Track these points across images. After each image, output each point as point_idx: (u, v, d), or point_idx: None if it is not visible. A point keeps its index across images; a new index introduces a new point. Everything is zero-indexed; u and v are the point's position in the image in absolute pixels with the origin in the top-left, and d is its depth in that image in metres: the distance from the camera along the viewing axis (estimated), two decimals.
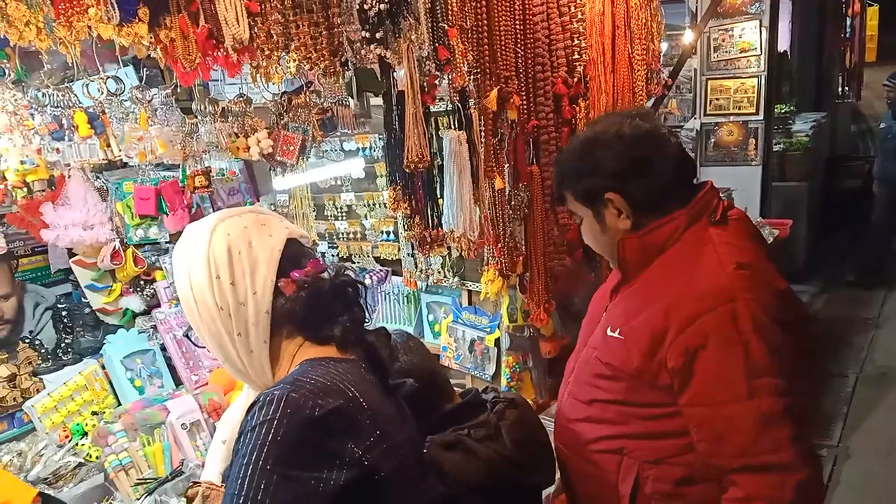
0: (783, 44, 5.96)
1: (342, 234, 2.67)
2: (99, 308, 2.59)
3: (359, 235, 2.64)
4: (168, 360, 2.59)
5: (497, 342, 2.29)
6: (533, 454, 1.45)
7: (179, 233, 2.47)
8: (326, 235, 2.73)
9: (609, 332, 1.49)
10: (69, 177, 2.32)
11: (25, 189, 1.29)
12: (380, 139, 2.40)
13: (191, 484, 1.20)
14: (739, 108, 5.65)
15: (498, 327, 2.30)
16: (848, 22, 9.57)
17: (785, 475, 1.30)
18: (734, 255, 1.40)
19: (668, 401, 1.40)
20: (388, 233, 2.56)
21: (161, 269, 2.59)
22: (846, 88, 9.60)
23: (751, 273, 1.37)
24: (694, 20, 5.58)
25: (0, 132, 1.30)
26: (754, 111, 5.56)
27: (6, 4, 1.23)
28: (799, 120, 6.91)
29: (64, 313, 2.53)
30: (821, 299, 5.87)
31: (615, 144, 1.47)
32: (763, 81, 5.49)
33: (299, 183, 2.38)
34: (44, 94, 1.45)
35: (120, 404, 2.46)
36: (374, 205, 2.55)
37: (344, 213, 2.64)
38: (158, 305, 2.65)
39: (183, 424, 2.28)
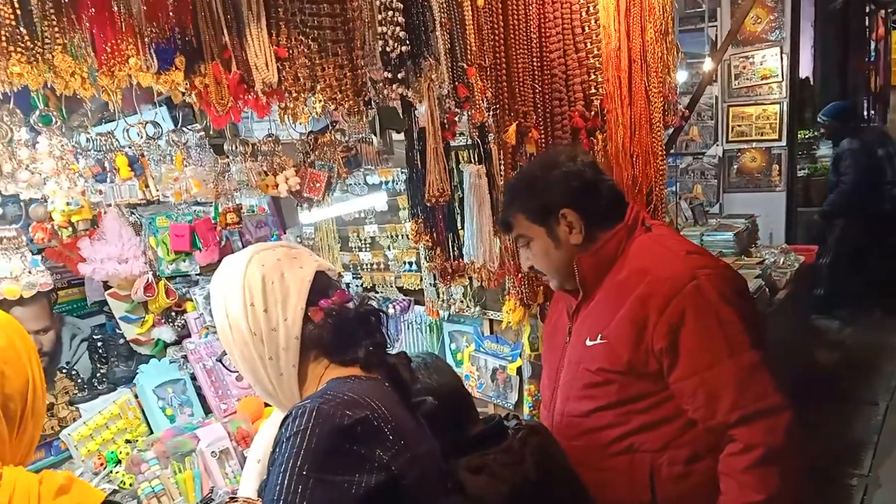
0: (805, 70, 5.97)
1: (366, 264, 2.74)
2: (132, 339, 2.67)
3: (382, 266, 2.71)
4: (197, 389, 2.65)
5: (519, 371, 2.33)
6: (556, 480, 1.49)
7: (210, 265, 2.58)
8: (351, 266, 2.80)
9: (589, 342, 1.67)
10: (105, 213, 2.43)
11: (70, 228, 1.38)
12: (402, 173, 2.47)
13: (228, 500, 1.26)
14: (762, 135, 5.67)
15: (520, 356, 2.33)
16: (872, 46, 9.55)
17: (775, 419, 1.51)
18: (681, 245, 1.70)
19: (659, 387, 1.60)
20: (410, 263, 2.62)
21: (191, 300, 2.67)
22: (872, 112, 9.54)
23: (699, 255, 1.68)
24: (714, 48, 5.63)
25: (48, 176, 1.39)
26: (777, 137, 5.58)
27: (53, 56, 1.32)
28: (824, 145, 6.88)
29: (99, 344, 2.62)
30: (849, 326, 5.79)
31: (567, 166, 1.71)
32: (785, 108, 5.51)
33: (325, 217, 2.45)
34: (88, 139, 1.55)
35: (152, 432, 2.52)
36: (397, 236, 2.62)
37: (368, 245, 2.71)
38: (189, 336, 2.72)
39: (213, 452, 2.33)
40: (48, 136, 1.37)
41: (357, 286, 2.79)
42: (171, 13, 1.48)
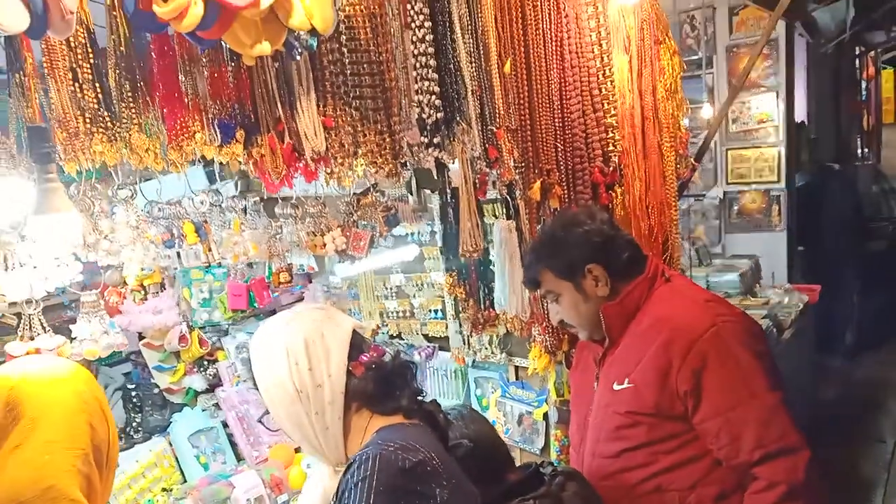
0: (801, 113, 6.15)
1: (392, 312, 2.84)
2: (165, 388, 2.74)
3: (408, 314, 2.81)
4: (229, 437, 2.72)
5: (545, 416, 2.41)
6: None
7: (237, 312, 2.67)
8: (377, 314, 2.89)
9: (617, 387, 1.76)
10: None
11: (142, 291, 1.48)
12: (427, 225, 2.58)
13: None
14: (761, 177, 5.82)
15: (546, 401, 2.41)
16: (863, 85, 9.80)
17: (796, 457, 1.59)
18: (700, 294, 1.84)
19: (686, 428, 1.68)
20: (436, 311, 2.72)
21: (222, 349, 2.76)
22: (866, 150, 9.75)
23: (716, 303, 1.80)
24: (711, 94, 5.82)
25: (124, 244, 1.50)
26: (776, 179, 5.73)
27: (130, 135, 1.44)
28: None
29: (133, 393, 2.69)
30: (854, 364, 5.87)
31: (588, 224, 1.83)
32: (783, 150, 5.67)
33: (360, 270, 2.56)
34: (159, 209, 1.66)
35: (185, 480, 2.58)
36: (423, 285, 2.72)
37: (394, 293, 2.81)
38: (219, 384, 2.80)
39: (248, 499, 2.40)
40: (125, 207, 1.48)
41: (383, 333, 2.88)
42: (231, 90, 1.61)
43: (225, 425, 2.72)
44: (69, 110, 1.37)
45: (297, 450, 2.72)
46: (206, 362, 2.75)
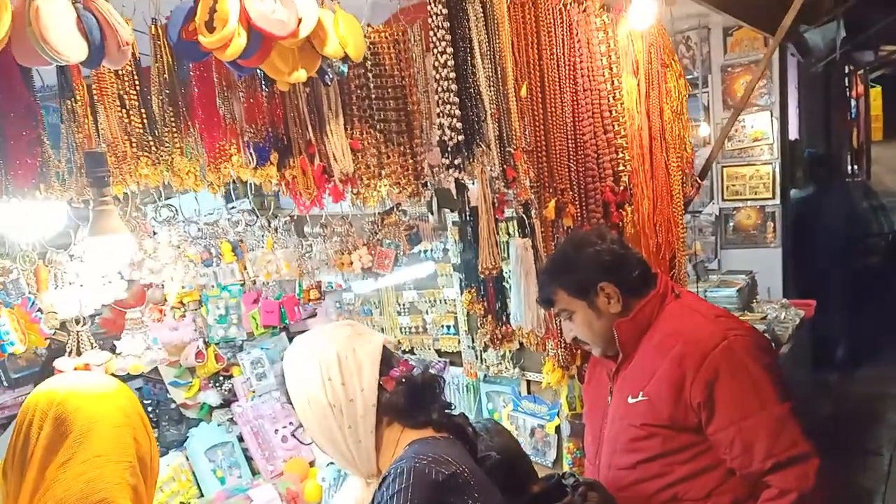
0: (794, 131, 6.28)
1: (405, 328, 2.90)
2: (180, 403, 2.78)
3: (420, 329, 2.86)
4: (244, 451, 2.76)
5: (558, 429, 2.46)
6: None
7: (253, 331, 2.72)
8: (396, 330, 2.95)
9: (631, 400, 1.81)
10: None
11: (182, 308, 1.53)
12: (441, 243, 2.65)
13: None
14: (756, 193, 5.92)
15: (557, 415, 2.47)
16: (853, 103, 9.98)
17: (806, 464, 1.66)
18: (710, 310, 1.89)
19: (700, 439, 1.74)
20: (448, 327, 2.77)
21: (238, 364, 2.80)
22: (855, 167, 9.92)
23: (726, 318, 1.87)
24: (707, 113, 5.94)
25: (166, 263, 1.55)
26: (770, 196, 5.83)
27: (172, 158, 1.50)
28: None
29: (150, 409, 2.73)
30: (851, 377, 5.95)
31: (599, 244, 1.89)
32: (777, 167, 5.78)
33: (377, 287, 2.62)
34: (198, 229, 1.72)
35: (202, 495, 2.62)
36: (435, 301, 2.78)
37: (406, 310, 2.87)
38: (233, 399, 2.84)
39: None
40: (167, 227, 1.54)
41: (399, 349, 2.94)
42: (265, 115, 1.68)
43: (240, 439, 2.75)
44: (117, 135, 1.43)
45: (312, 464, 2.77)
46: (221, 378, 2.79)
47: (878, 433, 4.93)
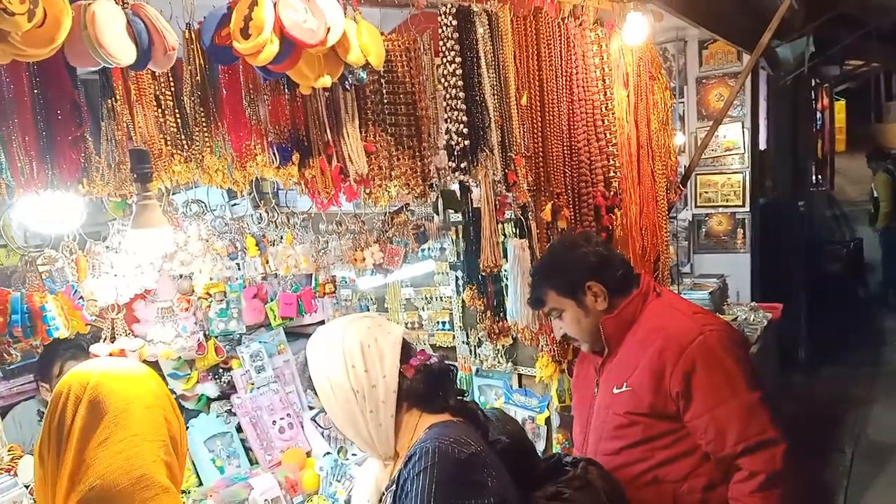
0: (764, 141, 6.52)
1: (401, 324, 2.99)
2: (179, 394, 2.84)
3: (416, 325, 2.96)
4: (242, 442, 2.83)
5: (548, 421, 2.58)
6: (618, 498, 1.75)
7: (254, 325, 2.80)
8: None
9: (616, 390, 1.95)
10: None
11: (209, 299, 1.60)
12: (437, 242, 2.75)
13: None
14: (727, 201, 6.14)
15: (547, 407, 2.59)
16: (818, 115, 10.34)
17: (774, 448, 1.81)
18: (688, 307, 2.02)
19: (678, 426, 1.88)
20: (443, 323, 2.88)
21: (237, 357, 2.87)
22: (819, 177, 10.27)
23: (703, 314, 2.01)
24: (682, 122, 6.14)
25: (196, 255, 1.63)
26: (741, 203, 6.05)
27: (203, 157, 1.58)
28: None
29: None
30: (815, 378, 6.19)
31: (586, 247, 2.02)
32: (748, 176, 6.00)
33: (380, 284, 2.71)
34: (225, 224, 1.80)
35: (201, 483, 2.68)
36: (431, 298, 2.89)
37: (403, 306, 2.97)
38: (231, 391, 2.91)
39: (266, 500, 2.52)
40: (197, 222, 1.62)
41: None
42: (288, 117, 1.77)
43: (238, 430, 2.82)
44: (153, 133, 1.51)
45: (309, 454, 2.85)
46: (220, 370, 2.86)
47: (840, 431, 5.15)
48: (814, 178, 10.05)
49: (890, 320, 7.61)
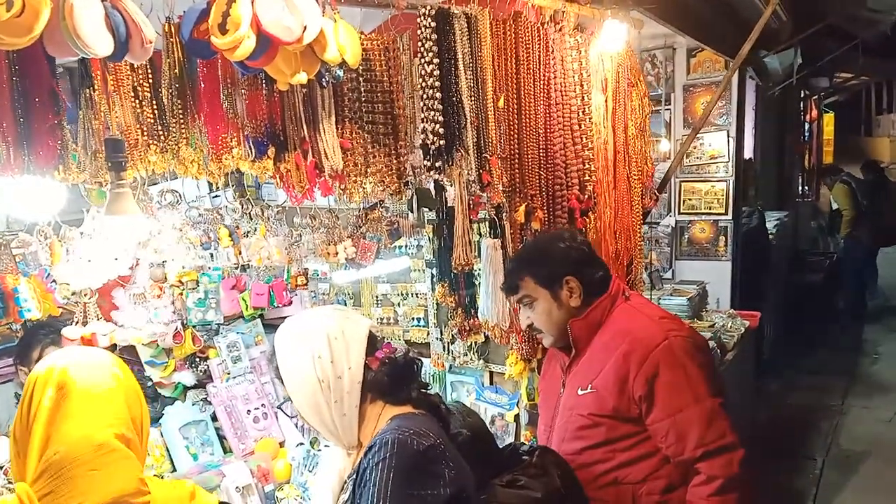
0: (749, 151, 6.59)
1: (377, 319, 3.03)
2: (156, 382, 2.87)
3: (392, 321, 3.01)
4: (217, 430, 2.87)
5: (517, 418, 2.63)
6: (573, 485, 1.81)
7: (231, 315, 2.83)
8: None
9: (581, 392, 1.98)
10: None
11: (180, 287, 1.64)
12: (415, 240, 2.80)
13: None
14: (710, 208, 6.20)
15: (517, 405, 2.64)
16: (806, 127, 10.44)
17: (732, 454, 1.85)
18: (655, 312, 2.06)
19: (640, 429, 1.92)
20: (418, 319, 2.93)
21: (214, 347, 2.91)
22: (806, 188, 10.38)
23: (669, 320, 2.04)
24: (668, 129, 6.21)
25: (169, 244, 1.67)
26: (724, 211, 6.12)
27: (179, 148, 1.62)
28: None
29: None
30: (789, 386, 6.27)
31: (570, 241, 2.07)
32: (731, 185, 6.08)
33: (355, 279, 2.75)
34: (199, 215, 1.84)
35: (175, 469, 2.72)
36: (407, 294, 2.93)
37: (379, 301, 3.01)
38: (207, 380, 2.94)
39: (237, 488, 2.56)
40: (170, 211, 1.66)
41: None
42: (265, 111, 1.81)
43: (213, 419, 2.86)
44: (130, 123, 1.55)
45: (282, 444, 2.89)
46: (197, 359, 2.89)
47: (812, 439, 5.23)
48: (800, 189, 10.17)
49: (869, 331, 7.72)
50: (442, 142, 2.10)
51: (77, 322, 1.55)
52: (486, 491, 1.66)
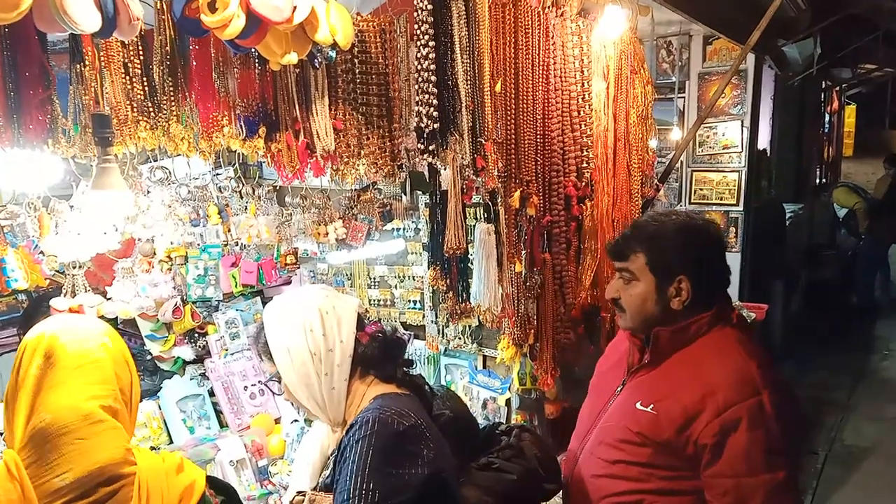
0: (763, 142, 6.51)
1: (374, 300, 3.06)
2: (156, 356, 2.93)
3: (388, 303, 3.03)
4: (214, 405, 2.92)
5: (508, 402, 2.65)
6: (550, 465, 1.82)
7: (230, 294, 2.87)
8: (365, 301, 3.11)
9: (639, 406, 1.75)
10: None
11: (169, 262, 1.67)
12: (412, 223, 2.81)
13: (295, 494, 1.55)
14: (721, 199, 6.15)
15: (509, 389, 2.66)
16: (826, 119, 10.28)
17: None
18: (755, 357, 1.72)
19: (688, 466, 1.68)
20: (414, 302, 2.95)
21: (213, 323, 2.95)
22: (824, 181, 10.23)
23: (767, 370, 1.70)
24: (681, 118, 6.14)
25: (158, 220, 1.70)
26: (735, 202, 6.06)
27: (169, 125, 1.64)
28: None
29: None
30: (794, 380, 6.24)
31: (702, 236, 1.80)
32: (744, 176, 6.01)
33: (350, 260, 2.77)
34: (189, 192, 1.87)
35: (171, 441, 2.77)
36: (404, 277, 2.95)
37: (377, 283, 3.03)
38: (206, 355, 2.99)
39: (231, 461, 2.61)
40: (160, 188, 1.69)
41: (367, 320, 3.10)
42: (257, 91, 1.82)
43: (211, 394, 2.91)
44: (120, 100, 1.57)
45: (277, 420, 2.93)
46: (196, 334, 2.94)
47: (815, 434, 5.21)
48: (817, 181, 10.03)
49: (881, 327, 7.64)
50: (436, 125, 2.10)
51: (66, 293, 1.58)
52: (462, 473, 1.68)
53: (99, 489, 1.35)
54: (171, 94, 1.65)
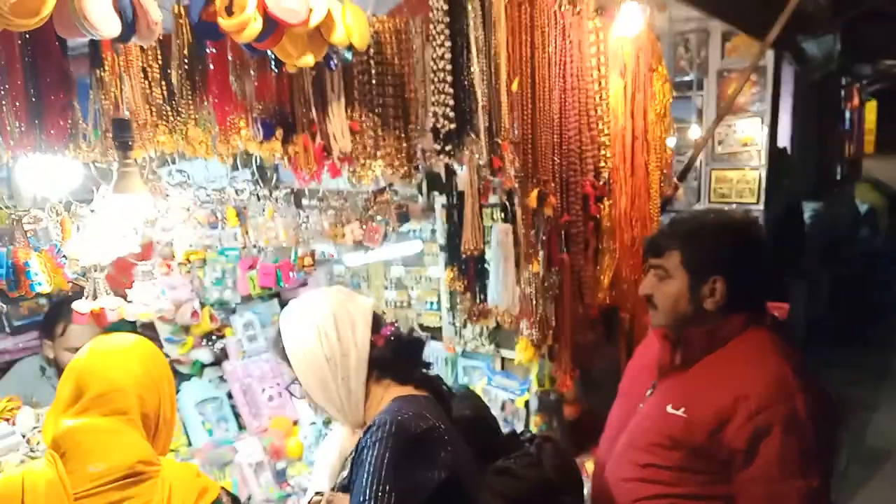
0: (783, 139, 6.43)
1: (391, 302, 3.06)
2: (174, 359, 2.94)
3: (405, 304, 3.03)
4: (232, 407, 2.93)
5: (526, 404, 2.64)
6: (569, 478, 1.80)
7: (247, 296, 2.88)
8: (382, 303, 3.11)
9: (671, 410, 1.71)
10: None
11: (188, 265, 1.69)
12: (429, 224, 2.80)
13: (314, 495, 1.55)
14: (741, 197, 6.08)
15: (527, 391, 2.65)
16: (847, 115, 10.14)
17: None
18: (790, 361, 1.66)
19: (720, 471, 1.64)
20: (431, 303, 2.94)
21: (230, 326, 2.96)
22: (845, 178, 10.09)
23: (802, 375, 1.65)
24: (700, 115, 6.09)
25: (176, 223, 1.71)
26: (755, 200, 6.00)
27: (187, 128, 1.65)
28: None
29: None
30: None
31: (741, 236, 1.75)
32: (763, 174, 5.95)
33: (367, 261, 2.78)
34: (207, 195, 1.88)
35: (190, 444, 2.78)
36: (421, 278, 2.94)
37: (394, 284, 3.03)
38: (224, 358, 3.00)
39: (249, 464, 2.62)
40: (179, 191, 1.70)
41: None
42: (274, 93, 1.83)
43: (229, 396, 2.92)
44: (139, 104, 1.58)
45: (295, 423, 2.94)
46: (214, 337, 2.95)
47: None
48: (838, 178, 9.90)
49: None
50: (452, 125, 2.10)
51: (87, 297, 1.60)
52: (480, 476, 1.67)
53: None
54: (189, 97, 1.66)
